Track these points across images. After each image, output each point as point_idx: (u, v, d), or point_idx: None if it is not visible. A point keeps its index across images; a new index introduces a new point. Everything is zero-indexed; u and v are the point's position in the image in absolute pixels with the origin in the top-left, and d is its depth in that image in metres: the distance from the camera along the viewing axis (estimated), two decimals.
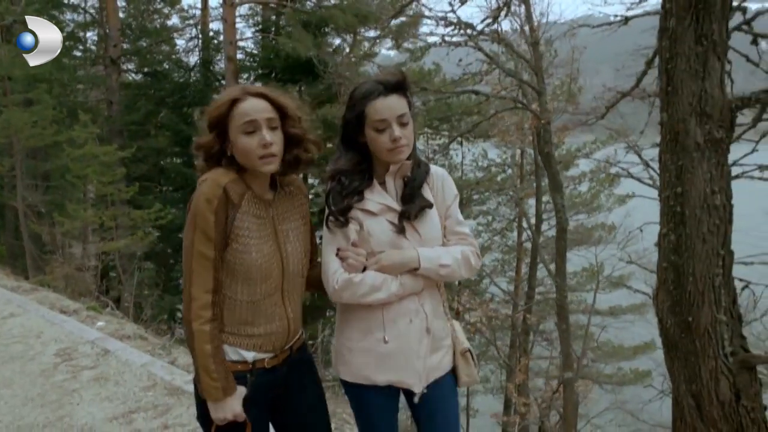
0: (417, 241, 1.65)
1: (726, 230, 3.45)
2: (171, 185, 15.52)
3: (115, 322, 5.08)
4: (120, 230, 11.39)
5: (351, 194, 1.62)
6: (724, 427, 3.69)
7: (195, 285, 1.45)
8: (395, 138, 1.57)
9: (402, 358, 1.63)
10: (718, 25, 3.14)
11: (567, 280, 13.95)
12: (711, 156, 3.30)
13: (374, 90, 1.58)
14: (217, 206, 1.43)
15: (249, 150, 1.46)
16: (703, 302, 3.48)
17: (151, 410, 2.87)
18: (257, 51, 13.35)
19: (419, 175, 1.69)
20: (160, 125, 14.97)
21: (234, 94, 1.49)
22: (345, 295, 1.60)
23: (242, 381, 1.53)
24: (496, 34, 7.09)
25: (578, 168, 13.09)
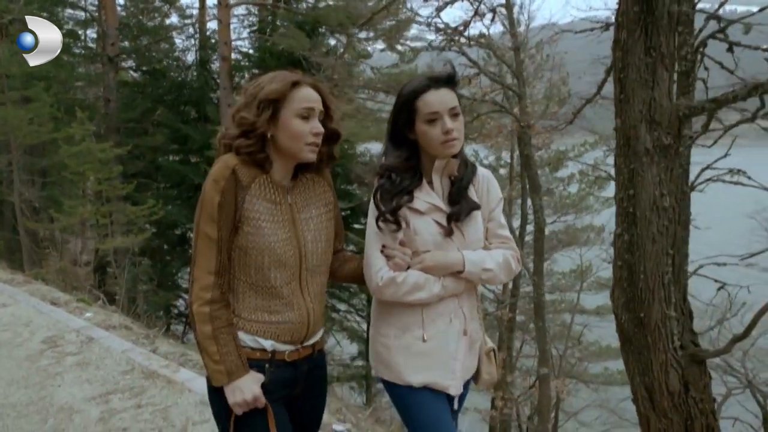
0: (461, 242, 1.63)
1: (675, 231, 3.65)
2: (167, 182, 15.72)
3: (102, 313, 5.28)
4: (115, 226, 11.60)
5: (401, 193, 1.60)
6: (675, 416, 3.89)
7: (198, 266, 1.44)
8: (447, 129, 1.56)
9: (439, 358, 1.62)
10: (665, 38, 3.33)
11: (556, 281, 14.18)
12: (660, 161, 3.50)
13: (424, 84, 1.58)
14: (224, 186, 1.41)
15: (301, 134, 1.45)
16: (653, 299, 3.68)
17: (127, 392, 3.07)
18: (252, 51, 13.54)
19: (467, 175, 1.67)
20: (158, 123, 15.16)
21: (293, 77, 1.48)
22: (387, 293, 1.58)
23: (260, 370, 1.48)
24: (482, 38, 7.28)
25: (567, 169, 13.29)
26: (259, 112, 1.44)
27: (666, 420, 3.93)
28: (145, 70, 15.94)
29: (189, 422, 2.66)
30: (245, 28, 13.90)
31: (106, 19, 12.88)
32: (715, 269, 7.77)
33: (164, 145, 15.13)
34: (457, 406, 1.71)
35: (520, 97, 7.99)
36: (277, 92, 1.44)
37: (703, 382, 4.06)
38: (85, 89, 15.96)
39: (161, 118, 14.82)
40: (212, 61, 14.61)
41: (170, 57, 16.43)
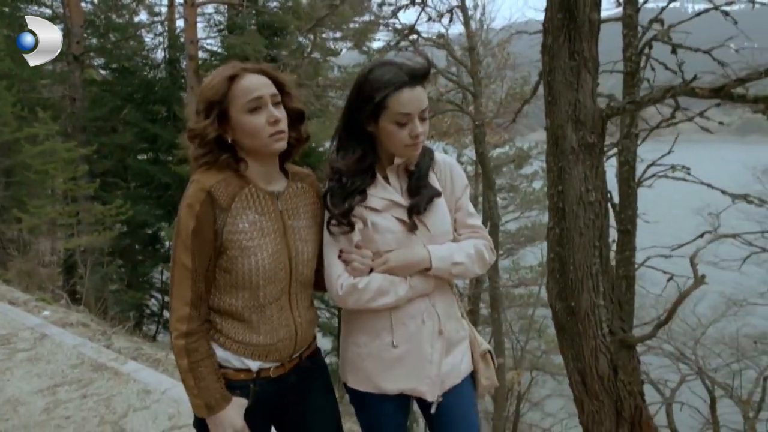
0: (426, 236, 1.52)
1: (602, 224, 3.89)
2: (137, 182, 15.63)
3: (61, 311, 5.34)
4: (83, 226, 11.53)
5: (352, 194, 1.49)
6: (605, 399, 4.14)
7: (175, 296, 1.37)
8: (417, 134, 1.45)
9: (413, 363, 1.51)
10: (587, 43, 3.56)
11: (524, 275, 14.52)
12: (585, 158, 3.73)
13: (400, 79, 1.42)
14: (200, 211, 1.32)
15: (257, 129, 1.34)
16: (582, 289, 3.91)
17: (74, 384, 3.18)
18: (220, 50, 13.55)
19: (424, 163, 1.55)
20: (126, 122, 15.06)
21: (229, 71, 1.36)
22: (350, 301, 1.48)
23: (245, 390, 1.43)
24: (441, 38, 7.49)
25: (532, 167, 13.63)
26: (205, 117, 1.34)
27: (597, 402, 4.18)
28: (113, 68, 15.81)
29: (130, 409, 2.80)
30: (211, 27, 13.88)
31: (71, 17, 12.75)
32: (666, 261, 8.13)
33: (133, 144, 15.04)
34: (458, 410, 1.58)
35: (476, 96, 8.24)
36: (215, 91, 1.34)
37: (631, 366, 4.33)
38: (51, 87, 15.75)
39: (130, 117, 14.74)
40: (181, 59, 14.56)
41: (139, 55, 16.32)
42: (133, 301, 14.30)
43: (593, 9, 3.49)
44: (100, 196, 13.89)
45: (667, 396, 9.76)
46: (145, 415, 2.71)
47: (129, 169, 14.99)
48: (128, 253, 15.82)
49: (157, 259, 15.23)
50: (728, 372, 9.79)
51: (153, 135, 14.56)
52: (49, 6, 14.39)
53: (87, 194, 12.80)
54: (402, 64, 1.45)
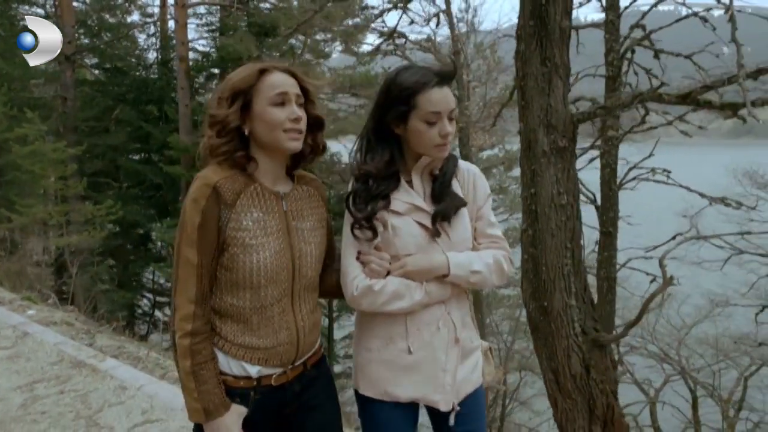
0: (446, 244, 1.50)
1: (574, 226, 3.98)
2: (129, 182, 15.66)
3: (46, 310, 5.39)
4: (73, 225, 11.56)
5: (376, 198, 1.47)
6: (578, 397, 4.24)
7: (179, 293, 1.34)
8: (447, 133, 1.45)
9: (426, 370, 1.49)
10: (558, 50, 3.65)
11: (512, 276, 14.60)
12: (557, 162, 3.82)
13: (429, 79, 1.44)
14: (205, 206, 1.31)
15: (277, 122, 1.35)
16: (555, 289, 4.01)
17: (53, 380, 3.25)
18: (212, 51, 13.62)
19: (448, 169, 1.54)
20: (119, 122, 15.09)
21: (260, 65, 1.38)
22: (364, 303, 1.46)
23: (245, 399, 1.39)
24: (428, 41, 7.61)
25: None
26: (229, 106, 1.35)
27: (570, 400, 4.27)
28: (106, 68, 15.83)
29: (105, 404, 2.87)
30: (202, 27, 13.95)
31: (62, 17, 12.78)
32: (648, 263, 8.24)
33: (125, 144, 15.07)
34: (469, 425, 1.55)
35: (460, 99, 8.33)
36: (244, 81, 1.35)
37: (604, 365, 4.42)
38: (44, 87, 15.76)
39: (122, 117, 14.77)
40: (173, 60, 14.61)
41: (132, 55, 16.35)
42: (124, 300, 14.31)
43: (564, 17, 3.58)
44: (91, 196, 13.91)
45: (651, 396, 9.88)
46: (120, 410, 2.79)
47: (121, 169, 15.02)
48: (120, 252, 15.84)
49: (148, 259, 15.25)
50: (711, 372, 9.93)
51: (145, 135, 14.59)
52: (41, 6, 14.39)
53: (77, 194, 12.83)
54: (428, 66, 1.48)
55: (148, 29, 16.62)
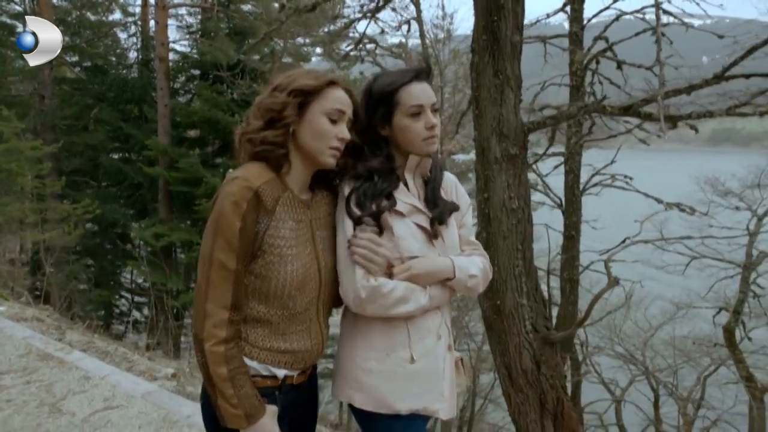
0: (441, 247, 1.51)
1: (524, 229, 4.21)
2: (108, 181, 15.63)
3: (17, 307, 5.48)
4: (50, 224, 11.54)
5: (380, 196, 1.45)
6: (529, 392, 4.46)
7: (211, 299, 1.29)
8: (432, 124, 1.45)
9: (428, 380, 1.47)
10: (510, 63, 3.88)
11: None
12: (509, 168, 4.05)
13: (405, 76, 1.47)
14: (246, 211, 1.27)
15: (326, 135, 1.35)
16: (506, 289, 4.22)
17: (20, 372, 3.37)
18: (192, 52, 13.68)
19: (437, 175, 1.57)
20: (97, 121, 15.06)
21: (331, 77, 1.39)
22: (370, 308, 1.42)
23: (271, 398, 1.40)
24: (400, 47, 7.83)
25: None
26: (289, 99, 1.34)
27: (522, 394, 4.49)
28: (86, 66, 15.78)
29: (69, 393, 3.01)
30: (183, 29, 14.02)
31: (41, 14, 12.75)
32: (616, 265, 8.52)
33: (105, 143, 15.04)
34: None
35: None
36: (312, 86, 1.35)
37: (554, 361, 4.66)
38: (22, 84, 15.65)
39: (102, 116, 14.74)
40: (153, 60, 14.64)
41: (113, 54, 16.32)
42: (101, 299, 14.28)
43: (515, 32, 3.81)
44: (69, 194, 13.88)
45: (617, 395, 10.19)
46: (82, 397, 2.93)
47: (100, 167, 14.96)
48: (97, 251, 15.80)
49: (125, 258, 15.22)
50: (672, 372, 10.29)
51: (125, 134, 14.57)
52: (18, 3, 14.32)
53: (55, 192, 12.79)
54: (403, 67, 1.52)
55: (129, 28, 16.63)
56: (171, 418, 2.67)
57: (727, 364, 9.13)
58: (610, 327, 10.98)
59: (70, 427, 2.64)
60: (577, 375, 8.24)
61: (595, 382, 10.59)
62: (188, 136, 13.51)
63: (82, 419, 2.71)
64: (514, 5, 3.76)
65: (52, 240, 10.19)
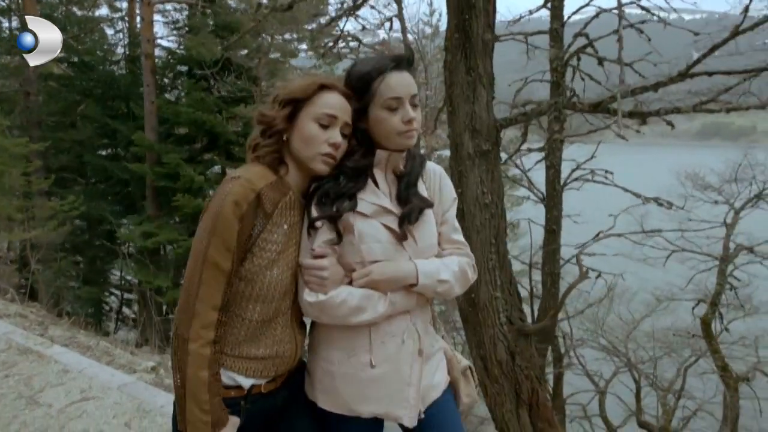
0: (413, 249, 1.42)
1: (498, 224, 4.31)
2: (95, 178, 15.59)
3: (0, 303, 5.52)
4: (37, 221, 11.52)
5: (342, 197, 1.37)
6: (505, 382, 4.57)
7: (200, 299, 1.25)
8: (410, 118, 1.36)
9: (390, 385, 1.41)
10: (482, 61, 3.96)
11: None
12: (481, 164, 4.14)
13: (385, 65, 1.36)
14: (245, 212, 1.25)
15: (315, 139, 1.33)
16: (481, 282, 4.32)
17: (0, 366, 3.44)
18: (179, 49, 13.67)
19: (414, 169, 1.46)
20: (84, 117, 15.01)
21: (324, 80, 1.36)
22: (323, 317, 1.38)
23: (235, 409, 1.34)
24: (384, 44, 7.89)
25: None
26: (279, 110, 1.34)
27: (498, 385, 4.60)
28: (73, 62, 15.70)
29: (47, 385, 3.08)
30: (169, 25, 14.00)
31: (25, 9, 12.68)
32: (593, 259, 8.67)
33: (92, 140, 15.00)
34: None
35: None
36: (301, 91, 1.34)
37: (529, 353, 4.77)
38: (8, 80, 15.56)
39: (88, 112, 14.68)
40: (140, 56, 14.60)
41: (100, 49, 16.24)
42: (89, 297, 14.28)
43: (486, 30, 3.89)
44: (56, 192, 13.83)
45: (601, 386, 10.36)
46: (60, 390, 3.00)
47: (87, 164, 14.93)
48: (86, 249, 15.78)
49: (114, 255, 15.22)
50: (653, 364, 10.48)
51: (112, 131, 14.54)
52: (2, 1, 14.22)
53: (42, 190, 12.76)
54: (384, 54, 1.41)
55: (116, 24, 16.56)
56: (145, 407, 2.75)
57: (707, 355, 9.30)
58: (595, 320, 11.16)
59: (47, 418, 2.72)
60: (559, 366, 8.38)
61: (580, 374, 10.76)
62: (175, 132, 13.50)
63: (59, 410, 2.79)
64: (485, 4, 3.85)
65: (38, 237, 10.19)
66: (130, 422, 2.63)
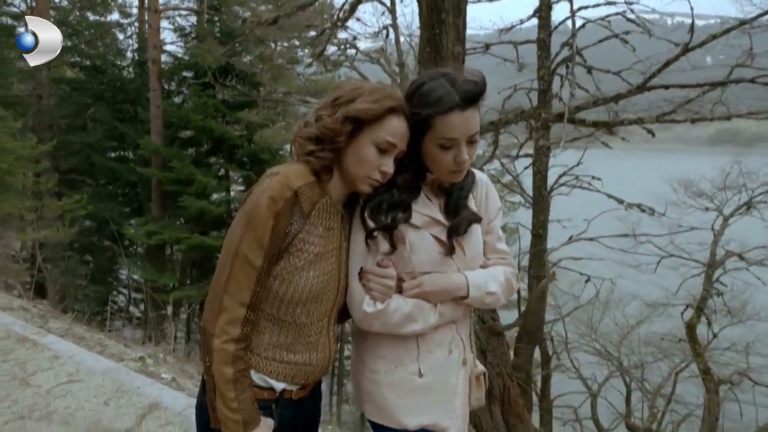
0: (461, 260, 1.42)
1: None
2: (103, 179, 16.00)
3: (5, 298, 5.84)
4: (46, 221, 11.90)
5: (397, 208, 1.36)
6: None
7: (229, 293, 1.25)
8: (462, 161, 1.32)
9: (438, 395, 1.41)
10: None
11: None
12: None
13: (451, 101, 1.29)
14: (281, 209, 1.23)
15: (369, 165, 1.30)
16: None
17: None
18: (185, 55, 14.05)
19: (466, 184, 1.45)
20: (94, 120, 15.44)
21: (394, 103, 1.30)
22: (375, 325, 1.37)
23: (268, 411, 1.33)
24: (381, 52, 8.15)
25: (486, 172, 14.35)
26: (343, 124, 1.28)
27: None
28: (84, 65, 16.13)
29: (39, 369, 3.36)
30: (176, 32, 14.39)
31: (38, 14, 13.12)
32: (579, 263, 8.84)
33: (101, 143, 15.40)
34: None
35: None
36: (369, 114, 1.28)
37: (501, 350, 4.98)
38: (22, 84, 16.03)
39: (98, 115, 15.09)
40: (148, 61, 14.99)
41: (111, 54, 16.67)
42: (97, 295, 14.65)
43: (456, 44, 4.12)
44: (66, 192, 14.22)
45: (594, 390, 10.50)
46: (49, 373, 3.28)
47: (96, 166, 15.34)
48: (95, 249, 16.18)
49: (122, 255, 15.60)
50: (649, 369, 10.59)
51: (121, 134, 14.94)
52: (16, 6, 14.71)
53: (51, 190, 13.15)
54: (456, 81, 1.30)
55: (127, 30, 17.00)
56: (123, 389, 3.02)
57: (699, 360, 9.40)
58: (590, 324, 11.30)
59: (36, 396, 2.99)
60: (547, 368, 8.55)
61: (574, 378, 10.90)
62: (181, 136, 13.87)
63: (47, 390, 3.06)
64: (455, 19, 4.08)
65: (46, 237, 10.56)
66: (108, 401, 2.90)
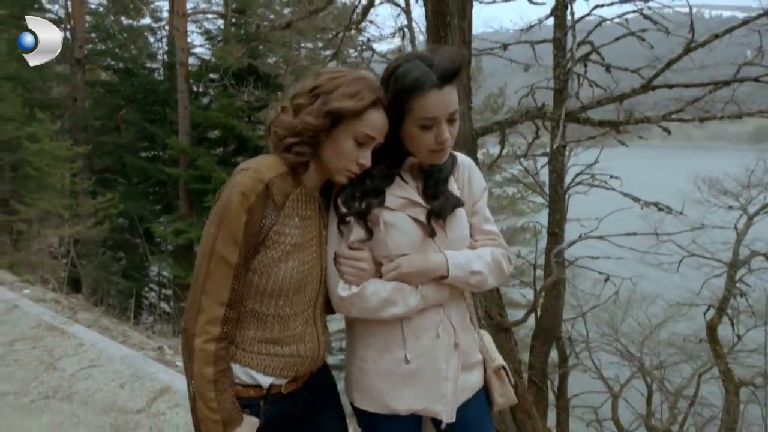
0: (443, 241, 1.39)
1: None
2: (135, 178, 16.59)
3: (39, 290, 6.19)
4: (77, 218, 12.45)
5: (370, 194, 1.35)
6: None
7: (207, 293, 1.24)
8: (443, 139, 1.31)
9: (427, 380, 1.39)
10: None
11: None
12: None
13: (426, 80, 1.27)
14: (254, 204, 1.22)
15: (347, 158, 1.30)
16: None
17: (29, 340, 4.01)
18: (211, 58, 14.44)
19: (446, 167, 1.43)
20: (126, 121, 16.02)
21: (373, 97, 1.29)
22: (353, 310, 1.37)
23: (254, 409, 1.32)
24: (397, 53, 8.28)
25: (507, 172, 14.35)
26: (325, 122, 1.27)
27: None
28: (118, 68, 16.75)
29: (64, 355, 3.63)
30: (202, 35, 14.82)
31: (74, 23, 13.70)
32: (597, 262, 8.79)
33: (133, 143, 16.00)
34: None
35: None
36: (351, 109, 1.26)
37: (509, 347, 5.05)
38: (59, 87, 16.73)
39: (129, 117, 15.68)
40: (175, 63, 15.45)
41: (143, 56, 17.28)
42: (128, 290, 15.21)
43: (461, 47, 4.22)
44: (100, 191, 14.82)
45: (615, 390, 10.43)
46: (74, 359, 3.54)
47: (127, 166, 15.92)
48: (127, 246, 16.80)
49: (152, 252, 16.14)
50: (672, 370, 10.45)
51: (151, 134, 15.48)
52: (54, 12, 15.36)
53: (86, 189, 13.73)
54: (432, 61, 1.29)
55: (158, 33, 17.56)
56: (138, 374, 3.25)
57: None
58: (611, 324, 11.21)
59: (60, 379, 3.25)
60: (564, 366, 8.55)
61: (596, 378, 10.84)
62: (208, 136, 14.28)
63: (70, 374, 3.31)
64: (460, 22, 4.17)
65: (80, 234, 11.04)
66: (124, 384, 3.12)
